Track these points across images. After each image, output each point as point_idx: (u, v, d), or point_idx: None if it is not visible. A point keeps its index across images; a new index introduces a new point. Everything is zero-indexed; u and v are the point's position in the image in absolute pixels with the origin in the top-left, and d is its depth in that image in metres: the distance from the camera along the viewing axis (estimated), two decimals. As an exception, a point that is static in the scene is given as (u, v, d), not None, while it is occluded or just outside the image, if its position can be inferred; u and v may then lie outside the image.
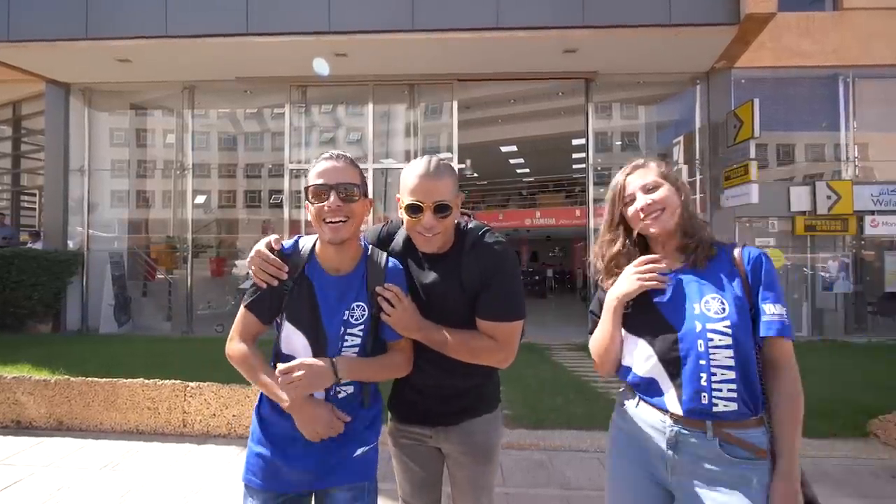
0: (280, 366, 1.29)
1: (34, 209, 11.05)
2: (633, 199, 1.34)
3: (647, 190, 1.32)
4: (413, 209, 1.35)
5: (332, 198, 1.29)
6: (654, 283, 1.29)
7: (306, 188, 1.32)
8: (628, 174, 1.37)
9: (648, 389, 1.30)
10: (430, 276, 1.43)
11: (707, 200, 8.03)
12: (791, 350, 1.22)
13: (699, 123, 8.24)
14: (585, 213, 8.63)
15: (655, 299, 1.30)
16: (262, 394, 1.39)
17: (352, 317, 1.35)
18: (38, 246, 8.74)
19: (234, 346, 1.38)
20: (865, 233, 8.07)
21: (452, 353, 1.37)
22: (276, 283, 1.35)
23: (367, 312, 1.37)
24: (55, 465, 3.20)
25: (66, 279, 8.25)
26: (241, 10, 6.80)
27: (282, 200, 8.83)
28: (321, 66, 7.67)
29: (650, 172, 1.35)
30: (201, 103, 9.01)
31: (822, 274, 8.19)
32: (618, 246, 1.39)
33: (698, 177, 8.28)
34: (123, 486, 2.91)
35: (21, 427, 3.80)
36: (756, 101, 7.03)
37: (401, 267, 1.43)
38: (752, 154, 7.15)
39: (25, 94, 9.55)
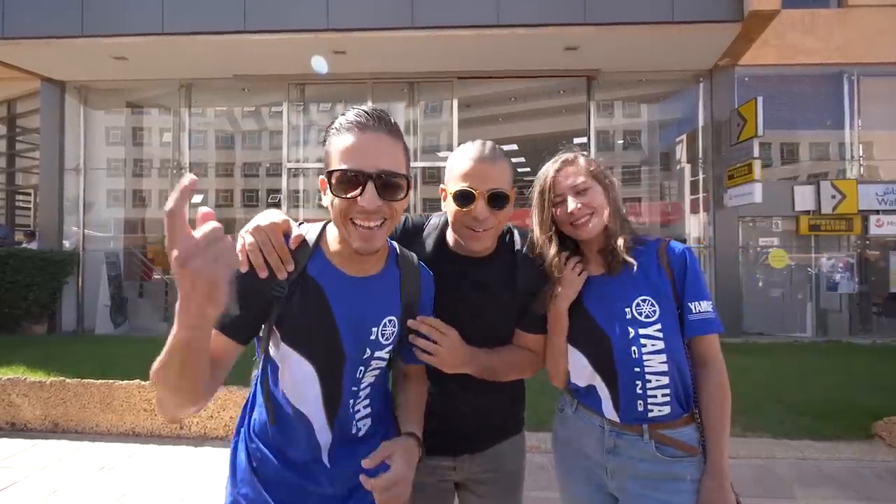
0: (371, 482, 0.91)
1: (29, 209, 11.04)
2: (563, 200, 1.28)
3: (577, 192, 1.27)
4: (463, 198, 1.15)
5: (368, 192, 0.90)
6: (583, 277, 1.28)
7: (329, 172, 0.93)
8: (557, 170, 1.31)
9: (588, 396, 1.30)
10: (474, 284, 1.25)
11: (710, 200, 8.03)
12: (717, 344, 1.23)
13: (702, 122, 8.24)
14: (587, 213, 8.60)
15: (587, 304, 1.28)
16: (241, 428, 1.07)
17: (382, 335, 1.03)
18: (34, 246, 8.75)
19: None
20: (870, 232, 8.07)
21: (501, 376, 1.26)
22: (264, 273, 0.95)
23: (397, 329, 1.07)
24: (51, 467, 3.20)
25: (61, 279, 8.24)
26: (239, 7, 6.80)
27: (280, 200, 8.84)
28: (319, 64, 7.67)
29: (580, 171, 1.29)
30: (198, 101, 9.01)
31: (826, 274, 8.20)
32: (554, 248, 1.32)
33: (701, 176, 8.28)
34: (120, 489, 2.91)
35: (16, 429, 3.80)
36: (760, 100, 7.02)
37: (430, 272, 1.19)
38: (756, 153, 7.15)
39: (20, 92, 9.54)
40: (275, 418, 1.01)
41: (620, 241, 1.27)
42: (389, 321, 1.05)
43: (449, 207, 1.21)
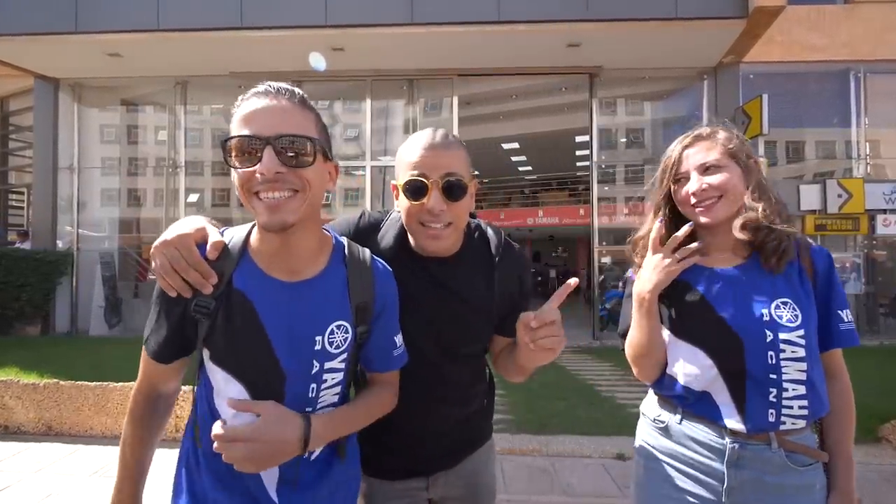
0: (217, 427, 0.85)
1: (22, 208, 11.04)
2: (686, 178, 1.17)
3: (706, 170, 1.14)
4: (415, 189, 1.03)
5: (266, 157, 0.82)
6: (683, 264, 1.16)
7: (223, 142, 0.85)
8: (687, 146, 1.19)
9: (699, 403, 1.16)
10: (437, 287, 1.12)
11: (714, 199, 8.03)
12: (842, 357, 1.19)
13: (706, 120, 8.11)
14: (589, 212, 8.62)
15: (710, 298, 1.15)
16: (187, 441, 1.00)
17: (330, 344, 0.92)
18: (27, 246, 8.74)
19: (132, 407, 0.98)
20: (877, 232, 8.06)
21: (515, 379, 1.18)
22: (187, 293, 0.88)
23: (351, 334, 0.95)
24: (44, 471, 3.19)
25: (55, 280, 8.24)
26: (235, 3, 6.80)
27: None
28: (317, 61, 7.67)
29: (714, 148, 1.16)
30: (194, 99, 9.01)
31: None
32: (648, 224, 1.22)
33: (705, 174, 8.27)
34: (114, 493, 2.92)
35: (9, 432, 3.80)
36: (765, 97, 7.02)
37: (389, 268, 1.06)
38: (761, 151, 7.17)
39: (13, 89, 9.54)
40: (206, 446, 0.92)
41: (785, 229, 1.12)
42: (338, 327, 0.93)
43: (401, 204, 1.08)
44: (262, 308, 0.89)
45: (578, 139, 12.27)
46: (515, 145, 15.08)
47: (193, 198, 9.49)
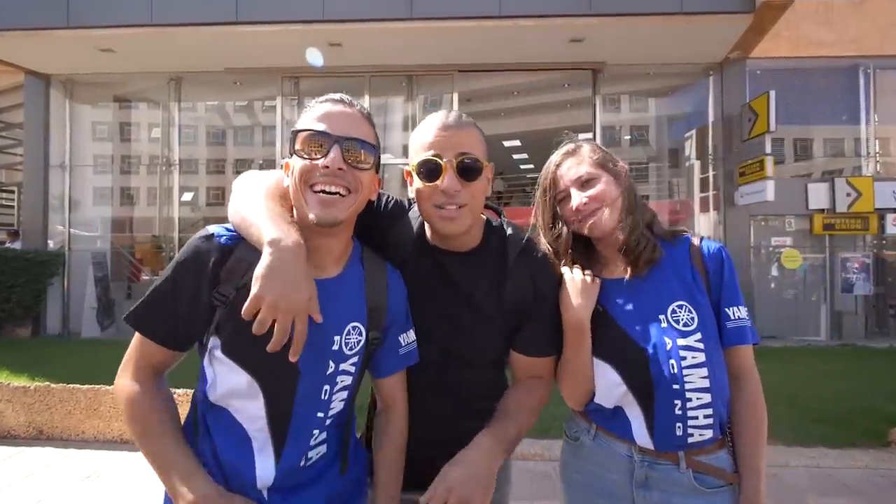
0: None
1: (13, 207, 11.04)
2: (567, 195, 1.19)
3: (582, 184, 1.17)
4: (428, 170, 1.03)
5: (332, 154, 0.90)
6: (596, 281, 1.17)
7: (294, 133, 0.93)
8: (558, 164, 1.23)
9: (613, 419, 1.16)
10: (457, 283, 1.12)
11: (720, 198, 8.03)
12: (752, 356, 1.16)
13: (712, 117, 8.24)
14: (592, 211, 8.61)
15: (613, 312, 1.16)
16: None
17: (346, 345, 0.96)
18: (17, 246, 8.74)
19: (123, 386, 0.93)
20: (887, 232, 8.07)
21: (524, 433, 1.13)
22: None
23: (364, 337, 0.99)
24: (35, 476, 3.19)
25: (46, 280, 8.24)
26: (231, -2, 6.80)
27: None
28: (314, 57, 7.67)
29: (583, 161, 1.19)
30: (188, 95, 9.01)
31: (841, 274, 8.20)
32: (563, 244, 1.23)
33: (711, 173, 8.29)
34: (107, 499, 2.91)
35: (-1, 436, 3.80)
36: (772, 94, 7.02)
37: (399, 274, 1.10)
38: (768, 149, 7.16)
39: (3, 85, 9.55)
40: (206, 438, 0.95)
41: (643, 236, 1.15)
42: (354, 328, 0.97)
43: (415, 187, 1.08)
44: None
45: (581, 136, 12.25)
46: (517, 143, 15.07)
47: (188, 196, 9.50)
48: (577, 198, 1.16)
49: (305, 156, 0.91)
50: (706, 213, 8.42)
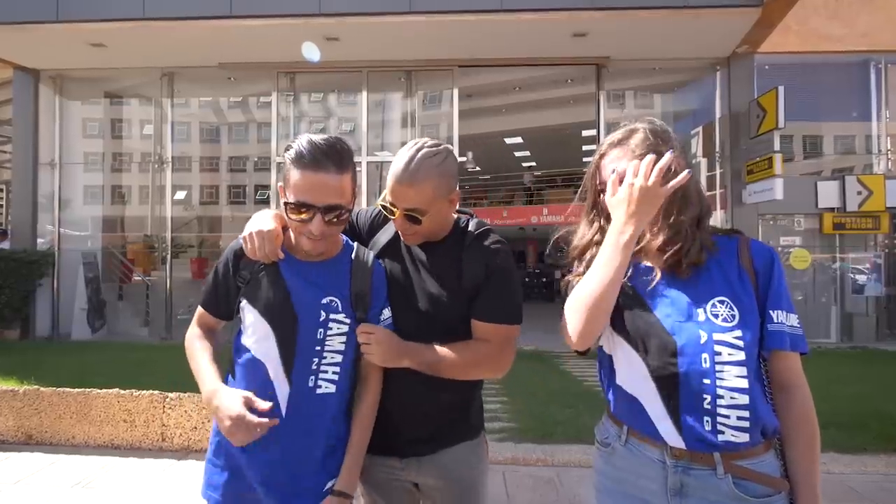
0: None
1: (1, 206, 11.05)
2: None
3: (622, 181, 1.14)
4: (387, 211, 1.36)
5: (315, 222, 1.21)
6: (680, 179, 1.07)
7: (285, 203, 1.23)
8: (602, 155, 1.21)
9: (632, 413, 1.15)
10: (426, 267, 1.41)
11: (728, 196, 8.04)
12: (800, 365, 1.12)
13: (719, 113, 8.24)
14: (596, 210, 8.62)
15: (646, 297, 1.14)
16: (215, 440, 1.32)
17: (331, 303, 1.31)
18: (6, 246, 8.74)
19: (188, 334, 1.40)
20: (899, 231, 8.08)
21: (447, 371, 1.31)
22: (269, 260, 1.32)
23: (339, 305, 1.33)
24: (24, 482, 3.19)
25: (35, 281, 8.25)
26: (225, -9, 6.81)
27: (268, 196, 8.85)
28: (311, 52, 7.67)
29: (625, 156, 1.16)
30: (181, 91, 9.02)
31: (852, 275, 8.20)
32: (591, 233, 1.23)
33: (718, 171, 8.29)
34: (97, 505, 2.91)
35: (-13, 441, 3.80)
36: (781, 89, 7.03)
37: (384, 270, 1.41)
38: (777, 146, 7.15)
39: (-9, 81, 9.55)
40: (237, 369, 1.31)
41: (688, 238, 1.11)
42: (339, 298, 1.31)
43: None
44: (286, 274, 1.31)
45: (585, 133, 12.28)
46: (518, 140, 15.09)
47: (181, 195, 9.50)
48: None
49: (294, 217, 1.22)
50: (713, 212, 8.42)
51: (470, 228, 1.42)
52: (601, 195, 1.20)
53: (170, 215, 8.83)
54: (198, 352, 1.35)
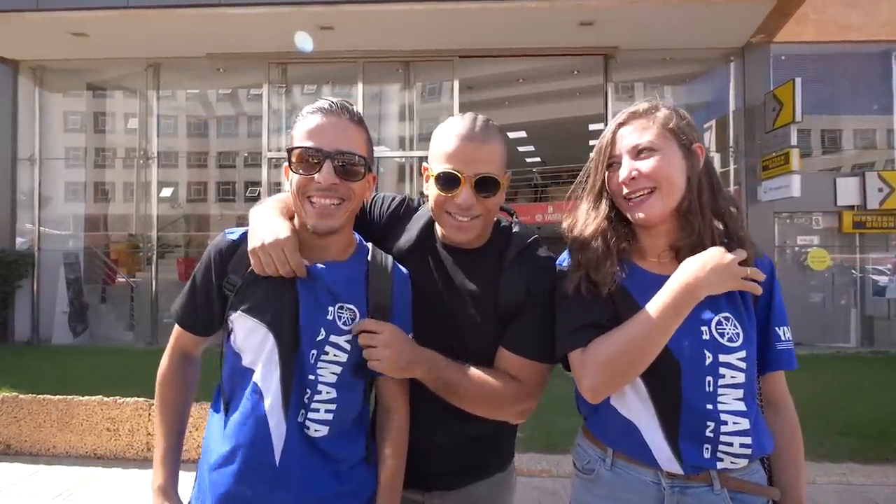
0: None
1: (-22, 203, 11.06)
2: (619, 163, 1.10)
3: (638, 153, 1.07)
4: (446, 181, 1.12)
5: (325, 169, 1.05)
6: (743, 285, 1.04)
7: (289, 150, 1.09)
8: (621, 123, 1.12)
9: (624, 436, 1.11)
10: (456, 279, 1.21)
11: (742, 193, 8.03)
12: (785, 383, 1.16)
13: (733, 106, 8.24)
14: (604, 208, 8.62)
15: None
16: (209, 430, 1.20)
17: (339, 318, 1.12)
18: (-17, 245, 8.75)
19: (161, 364, 1.22)
20: (922, 230, 8.08)
21: (461, 398, 1.15)
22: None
23: (357, 317, 1.14)
24: (2, 493, 3.19)
25: (14, 283, 8.24)
26: (213, -22, 6.81)
27: (259, 193, 8.84)
28: (304, 41, 7.67)
29: (650, 127, 1.08)
30: (167, 83, 9.02)
31: (873, 276, 8.19)
32: (599, 218, 1.15)
33: (732, 166, 8.29)
34: (80, 518, 2.92)
35: (-37, 451, 3.80)
36: (798, 81, 7.02)
37: (407, 273, 1.22)
38: (794, 141, 7.15)
39: (-32, 72, 9.55)
40: (227, 403, 1.15)
41: (711, 236, 1.07)
42: (349, 309, 1.13)
43: (431, 190, 1.17)
44: (297, 279, 1.13)
45: (592, 127, 12.27)
46: (522, 134, 15.07)
47: (167, 192, 9.50)
48: (626, 169, 1.08)
49: (300, 171, 1.08)
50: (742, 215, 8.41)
51: (514, 237, 1.24)
52: (610, 169, 1.12)
53: (155, 213, 8.83)
54: (161, 415, 1.20)
